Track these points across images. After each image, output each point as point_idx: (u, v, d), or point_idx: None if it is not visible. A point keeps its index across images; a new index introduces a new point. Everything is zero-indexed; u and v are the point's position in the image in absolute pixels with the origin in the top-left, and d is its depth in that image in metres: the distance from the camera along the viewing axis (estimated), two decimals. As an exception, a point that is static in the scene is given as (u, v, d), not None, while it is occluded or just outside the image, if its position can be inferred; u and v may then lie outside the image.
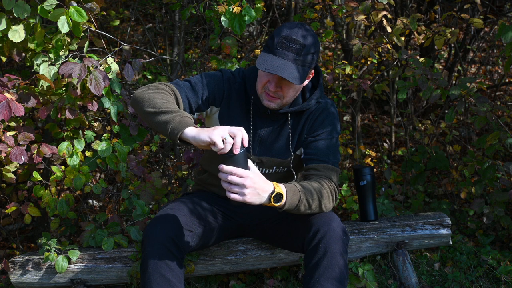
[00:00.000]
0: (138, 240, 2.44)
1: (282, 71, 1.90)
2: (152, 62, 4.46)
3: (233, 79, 2.16)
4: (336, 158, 2.15)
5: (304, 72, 1.96)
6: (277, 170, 2.22)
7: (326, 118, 2.16)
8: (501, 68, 4.98)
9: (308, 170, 2.12)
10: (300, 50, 1.93)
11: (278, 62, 1.91)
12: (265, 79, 2.01)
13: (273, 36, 1.97)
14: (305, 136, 2.16)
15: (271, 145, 2.18)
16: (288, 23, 2.00)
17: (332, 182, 2.06)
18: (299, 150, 2.19)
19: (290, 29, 1.95)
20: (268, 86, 2.01)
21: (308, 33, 1.96)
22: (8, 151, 2.34)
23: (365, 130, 4.36)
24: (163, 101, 1.92)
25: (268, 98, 2.04)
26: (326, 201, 2.01)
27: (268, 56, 1.93)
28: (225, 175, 1.75)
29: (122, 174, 2.57)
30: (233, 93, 2.15)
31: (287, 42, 1.93)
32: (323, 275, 1.96)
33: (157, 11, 5.13)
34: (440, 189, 3.43)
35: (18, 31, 2.40)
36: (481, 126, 2.79)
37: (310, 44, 1.95)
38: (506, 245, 2.99)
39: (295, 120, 2.16)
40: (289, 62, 1.92)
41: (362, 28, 4.43)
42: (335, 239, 1.99)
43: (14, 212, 2.58)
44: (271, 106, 2.05)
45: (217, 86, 2.13)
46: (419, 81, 2.80)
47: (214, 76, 2.16)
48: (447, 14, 3.09)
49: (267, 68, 1.90)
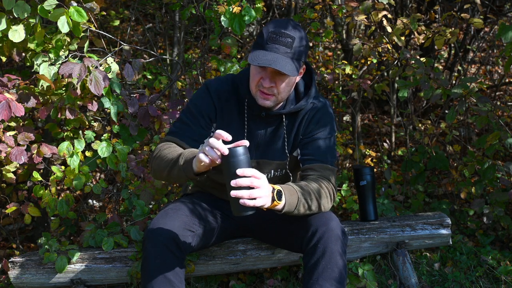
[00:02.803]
0: (138, 240, 2.44)
1: (276, 64, 1.89)
2: (152, 62, 4.46)
3: (220, 89, 2.14)
4: (334, 157, 2.14)
5: (296, 65, 1.95)
6: (276, 174, 2.21)
7: (322, 118, 2.14)
8: (501, 68, 4.98)
9: (305, 170, 2.11)
10: (290, 43, 1.93)
11: (270, 56, 1.90)
12: (259, 76, 1.99)
13: (262, 33, 1.97)
14: (301, 137, 2.15)
15: (267, 147, 2.16)
16: (276, 19, 2.00)
17: (330, 182, 2.06)
18: (295, 151, 2.18)
19: (279, 24, 1.95)
20: (262, 83, 1.99)
21: (297, 27, 1.97)
22: (8, 151, 2.34)
23: (365, 130, 4.36)
24: (166, 160, 1.96)
25: (262, 96, 2.02)
26: (325, 202, 2.01)
27: (260, 52, 1.92)
28: (235, 191, 1.70)
29: (122, 174, 2.57)
30: (223, 103, 2.13)
31: (277, 36, 1.92)
32: (322, 275, 1.96)
33: (157, 11, 5.13)
34: (440, 189, 3.43)
35: (18, 31, 2.40)
36: (482, 126, 2.78)
37: (300, 37, 1.95)
38: (506, 245, 2.99)
39: (290, 121, 2.15)
40: (281, 55, 1.92)
41: (362, 28, 4.43)
42: (333, 239, 1.99)
43: (14, 212, 2.58)
44: (267, 104, 2.03)
45: (207, 105, 2.12)
46: (420, 81, 2.80)
47: (200, 96, 2.14)
48: (447, 14, 3.09)
49: (260, 62, 1.89)
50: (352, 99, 3.96)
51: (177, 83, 3.64)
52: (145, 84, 4.16)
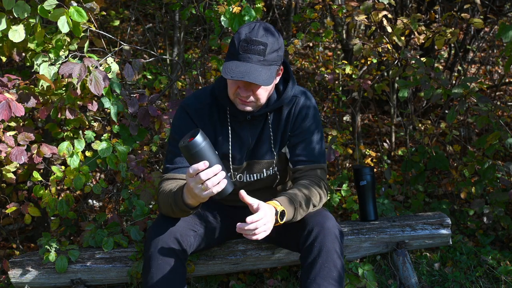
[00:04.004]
0: (138, 240, 2.44)
1: (249, 76, 1.85)
2: (152, 62, 4.47)
3: (198, 107, 2.11)
4: (323, 153, 2.17)
5: (271, 71, 1.92)
6: (268, 173, 2.21)
7: (308, 112, 2.14)
8: (501, 68, 4.98)
9: (296, 171, 2.14)
10: (263, 50, 1.88)
11: (243, 68, 1.86)
12: (235, 86, 1.96)
13: (233, 41, 1.92)
14: (289, 133, 2.15)
15: (256, 148, 2.16)
16: (246, 24, 1.95)
17: (322, 180, 2.12)
18: (284, 148, 2.18)
19: (249, 31, 1.90)
20: (239, 92, 1.97)
21: (268, 31, 1.92)
22: (8, 151, 2.34)
23: (365, 130, 4.36)
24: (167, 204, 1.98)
25: (242, 102, 2.00)
26: (317, 199, 2.07)
27: (233, 63, 1.88)
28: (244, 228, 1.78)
29: (122, 174, 2.57)
30: (205, 119, 2.10)
31: (248, 45, 1.88)
32: (319, 274, 1.96)
33: (157, 11, 5.13)
34: (440, 189, 3.43)
35: (18, 31, 2.40)
36: (482, 126, 2.78)
37: (272, 42, 1.90)
38: (506, 245, 2.99)
39: (275, 117, 2.14)
40: (254, 65, 1.87)
41: (362, 28, 4.43)
42: (330, 238, 2.00)
43: (14, 212, 2.58)
44: (247, 109, 2.01)
45: (189, 129, 2.06)
46: (421, 81, 2.80)
47: (180, 119, 2.11)
48: (447, 14, 3.09)
49: (233, 75, 1.85)
50: (352, 99, 3.96)
51: (177, 83, 3.64)
52: (145, 84, 4.16)
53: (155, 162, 3.31)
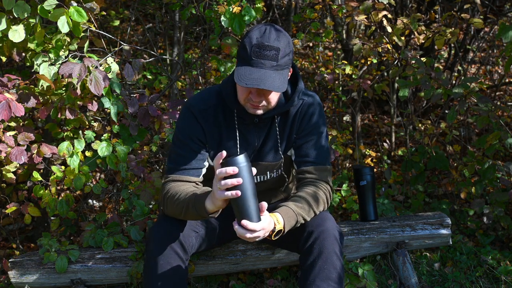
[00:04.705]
0: (138, 240, 2.44)
1: (264, 83, 1.82)
2: (152, 62, 4.46)
3: (204, 108, 2.07)
4: (328, 155, 2.15)
5: (284, 75, 1.90)
6: (271, 175, 2.20)
7: (314, 114, 2.12)
8: (501, 68, 4.98)
9: (301, 173, 2.12)
10: (276, 55, 1.85)
11: (257, 74, 1.83)
12: (246, 91, 1.93)
13: (244, 46, 1.87)
14: (295, 136, 2.13)
15: (261, 150, 2.14)
16: (255, 27, 1.91)
17: (328, 184, 2.10)
18: (289, 151, 2.17)
19: (260, 35, 1.86)
20: (251, 98, 1.94)
21: (279, 33, 1.88)
22: (8, 151, 2.34)
23: (365, 130, 4.36)
24: (178, 206, 1.97)
25: (253, 107, 1.97)
26: (321, 208, 2.06)
27: (245, 69, 1.84)
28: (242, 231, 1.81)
29: (122, 174, 2.57)
30: (210, 121, 2.07)
31: (260, 51, 1.84)
32: (319, 275, 1.96)
33: (157, 11, 5.13)
34: (440, 189, 3.43)
35: (18, 31, 2.40)
36: (482, 126, 2.78)
37: (284, 46, 1.87)
38: (506, 245, 2.99)
39: (282, 120, 2.12)
40: (268, 70, 1.84)
41: (362, 28, 4.43)
42: (329, 239, 1.99)
43: (14, 212, 2.58)
44: (258, 113, 1.99)
45: (194, 129, 2.06)
46: (421, 81, 2.80)
47: (185, 120, 2.09)
48: (447, 14, 3.09)
49: (248, 83, 1.82)
50: (352, 99, 3.96)
51: (177, 83, 3.64)
52: (145, 84, 4.16)
53: (155, 162, 3.31)
